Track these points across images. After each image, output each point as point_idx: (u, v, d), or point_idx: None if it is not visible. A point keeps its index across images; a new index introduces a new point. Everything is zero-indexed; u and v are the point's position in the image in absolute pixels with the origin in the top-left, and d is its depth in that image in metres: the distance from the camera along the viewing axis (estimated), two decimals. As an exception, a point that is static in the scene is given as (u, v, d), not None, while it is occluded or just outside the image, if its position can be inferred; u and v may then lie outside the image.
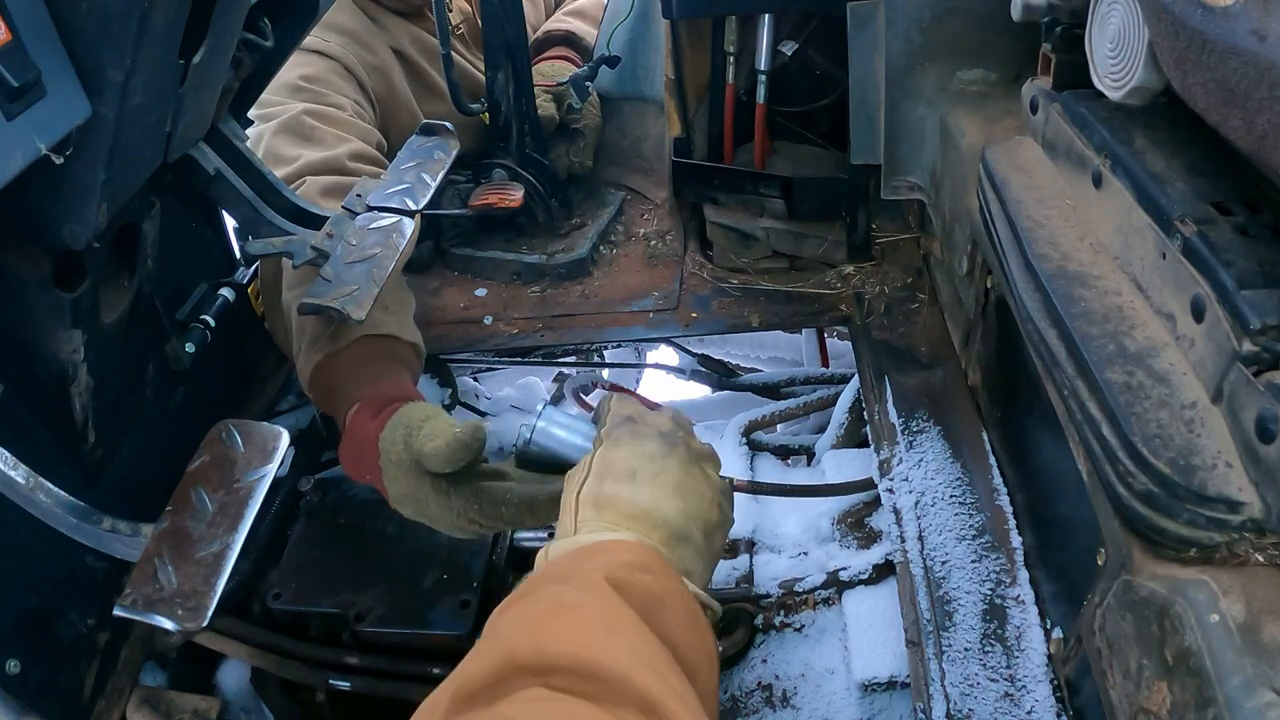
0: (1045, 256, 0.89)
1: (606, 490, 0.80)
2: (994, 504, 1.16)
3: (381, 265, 1.13)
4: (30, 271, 0.97)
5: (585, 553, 0.74)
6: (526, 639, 0.61)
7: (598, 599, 0.66)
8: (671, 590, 0.72)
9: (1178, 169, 0.80)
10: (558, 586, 0.68)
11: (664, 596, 0.70)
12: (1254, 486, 0.65)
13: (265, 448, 1.05)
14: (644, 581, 0.69)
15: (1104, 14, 0.90)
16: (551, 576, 0.71)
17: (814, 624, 1.26)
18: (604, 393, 2.26)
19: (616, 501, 0.79)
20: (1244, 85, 0.65)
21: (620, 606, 0.66)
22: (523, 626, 0.64)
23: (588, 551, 0.74)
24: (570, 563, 0.73)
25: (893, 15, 1.33)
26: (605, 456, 0.84)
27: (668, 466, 0.82)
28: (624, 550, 0.73)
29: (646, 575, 0.70)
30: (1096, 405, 0.75)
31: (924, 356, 1.45)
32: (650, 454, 0.83)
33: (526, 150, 1.77)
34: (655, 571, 0.72)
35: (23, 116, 0.73)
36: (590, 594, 0.66)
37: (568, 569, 0.72)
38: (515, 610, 0.67)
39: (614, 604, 0.66)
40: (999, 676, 0.98)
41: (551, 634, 0.62)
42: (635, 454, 0.83)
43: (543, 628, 0.63)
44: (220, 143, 1.20)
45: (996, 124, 1.22)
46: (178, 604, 0.89)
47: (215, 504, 0.99)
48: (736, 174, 1.66)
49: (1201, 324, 0.71)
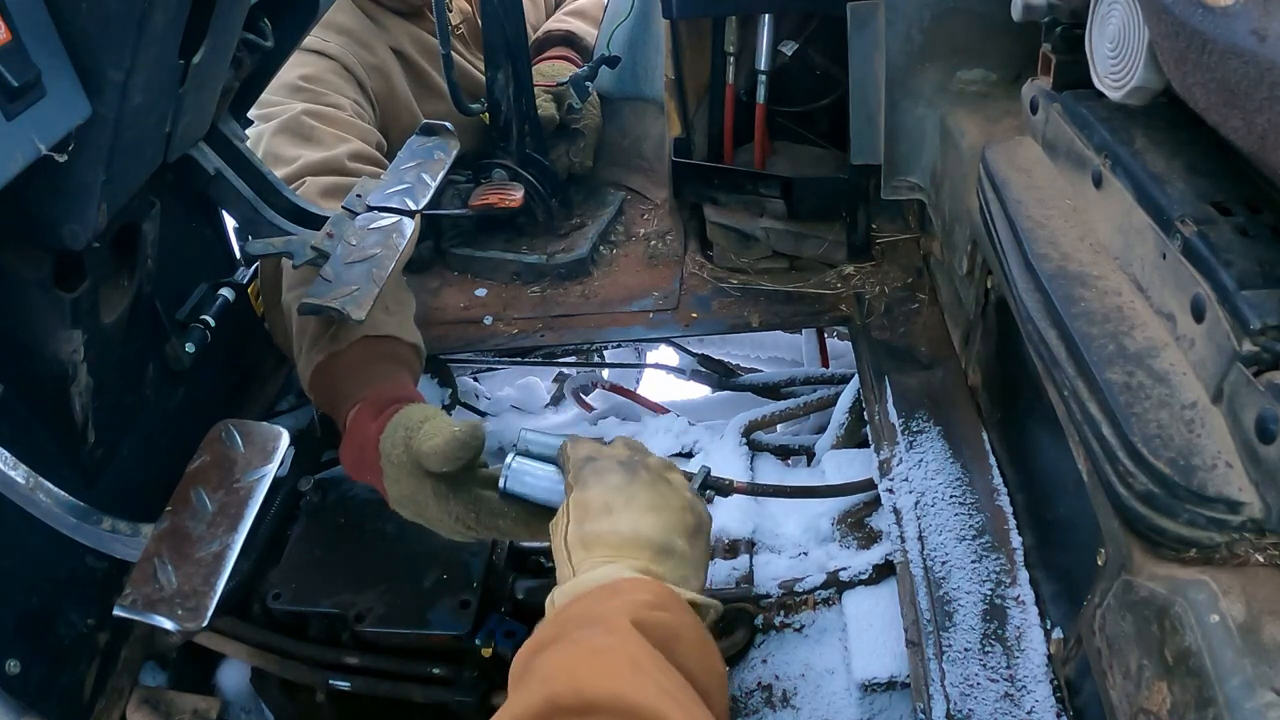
0: (1045, 256, 0.89)
1: (589, 530, 0.87)
2: (994, 504, 1.16)
3: (381, 265, 1.13)
4: (30, 271, 0.97)
5: (606, 593, 0.79)
6: (566, 683, 0.67)
7: (625, 641, 0.71)
8: (685, 624, 0.77)
9: (1178, 169, 0.80)
10: (588, 630, 0.73)
11: (679, 630, 0.76)
12: (1254, 487, 0.64)
13: (265, 448, 1.05)
14: (661, 619, 0.75)
15: (1104, 14, 0.90)
16: (579, 619, 0.76)
17: (814, 624, 1.26)
18: (604, 393, 2.26)
19: (601, 537, 0.86)
20: (1244, 85, 0.65)
21: (645, 646, 0.71)
22: (561, 670, 0.69)
23: (608, 591, 0.80)
24: (592, 604, 0.79)
25: (893, 15, 1.33)
26: (578, 500, 0.90)
27: (635, 492, 0.89)
28: (640, 589, 0.79)
29: (663, 612, 0.76)
30: (1096, 405, 0.75)
31: (924, 357, 1.45)
32: (617, 486, 0.90)
33: (526, 150, 1.77)
34: (670, 608, 0.78)
35: (23, 116, 0.73)
36: (618, 636, 0.72)
37: (593, 611, 0.77)
38: (551, 654, 0.72)
39: (639, 644, 0.71)
40: (999, 677, 0.98)
41: (589, 677, 0.67)
42: (604, 490, 0.90)
43: (580, 671, 0.68)
44: (220, 143, 1.19)
45: (996, 124, 1.22)
46: (177, 604, 0.89)
47: (215, 504, 0.99)
48: (736, 174, 1.66)
49: (1201, 324, 0.71)
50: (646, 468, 0.93)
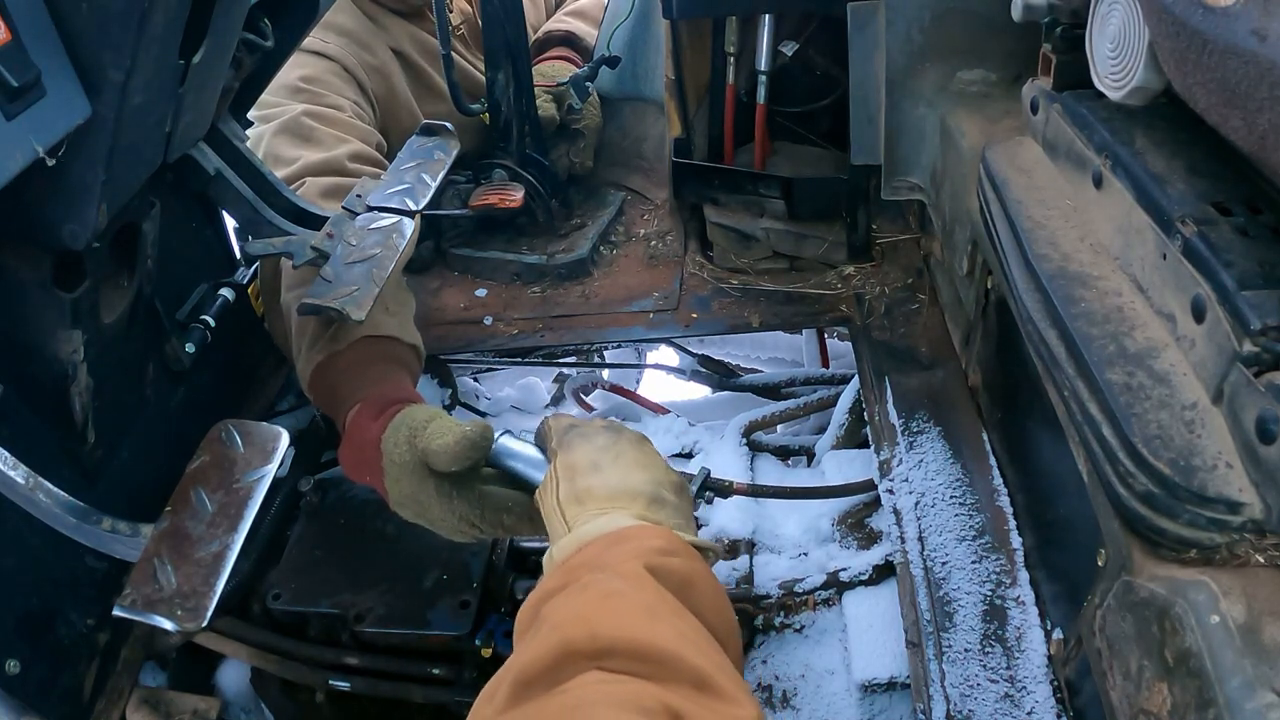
0: (1045, 257, 0.89)
1: (579, 485, 0.86)
2: (994, 505, 1.16)
3: (381, 265, 1.13)
4: (30, 271, 0.97)
5: (613, 539, 0.78)
6: (580, 627, 0.65)
7: (638, 585, 0.70)
8: (698, 570, 0.76)
9: (1178, 169, 0.80)
10: (599, 575, 0.71)
11: (692, 577, 0.75)
12: (1254, 487, 0.64)
13: (265, 448, 1.05)
14: (674, 565, 0.74)
15: (1104, 14, 0.90)
16: (588, 565, 0.75)
17: (814, 625, 1.26)
18: (604, 393, 2.26)
19: (592, 491, 0.85)
20: (1244, 85, 0.65)
21: (659, 590, 0.70)
22: (574, 614, 0.67)
23: (615, 538, 0.78)
24: (599, 550, 0.77)
25: (893, 16, 1.33)
26: (564, 461, 0.90)
27: (621, 449, 0.90)
28: (649, 535, 0.78)
29: (675, 559, 0.75)
30: (1097, 406, 0.75)
31: (924, 357, 1.45)
32: (602, 445, 0.90)
33: (527, 150, 1.77)
34: (681, 554, 0.76)
35: (22, 116, 0.73)
36: (630, 581, 0.70)
37: (600, 556, 0.75)
38: (562, 599, 0.70)
39: (653, 589, 0.70)
40: (999, 677, 0.98)
41: (603, 620, 0.65)
42: (590, 449, 0.90)
43: (594, 615, 0.66)
44: (220, 143, 1.19)
45: (997, 124, 1.22)
46: (177, 604, 0.89)
47: (215, 504, 0.99)
48: (737, 174, 1.66)
49: (1202, 325, 0.71)
50: (626, 430, 0.94)
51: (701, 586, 0.75)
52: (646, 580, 0.71)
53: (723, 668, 0.65)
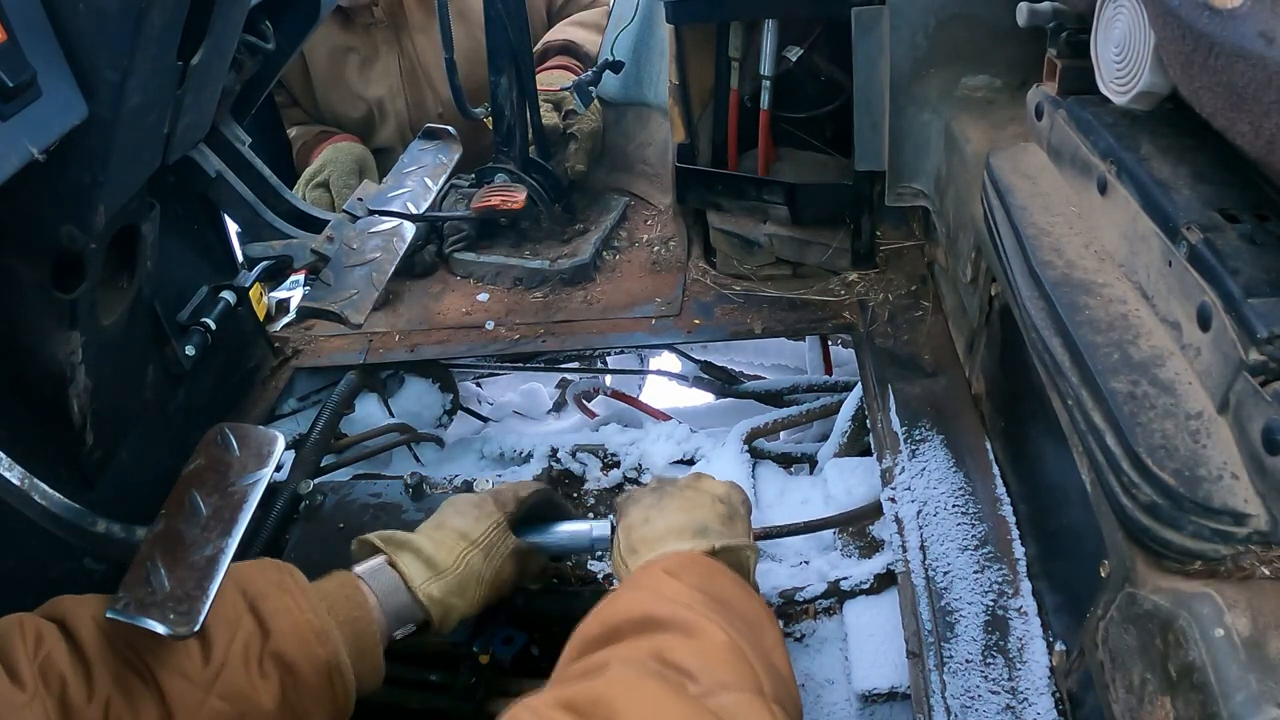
0: (1050, 264, 0.88)
1: (633, 539, 1.02)
2: (997, 514, 1.15)
3: (381, 269, 1.13)
4: (29, 273, 0.96)
5: (640, 570, 0.95)
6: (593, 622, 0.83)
7: (657, 583, 0.87)
8: (717, 568, 0.93)
9: (1184, 175, 0.79)
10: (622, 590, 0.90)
11: (711, 572, 0.91)
12: (1260, 498, 0.63)
13: (260, 452, 1.05)
14: (692, 563, 0.91)
15: (1109, 18, 0.89)
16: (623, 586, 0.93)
17: (814, 634, 1.25)
18: (606, 399, 2.25)
19: (644, 540, 1.01)
20: (1251, 89, 0.64)
21: (676, 584, 0.86)
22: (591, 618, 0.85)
23: (642, 568, 0.95)
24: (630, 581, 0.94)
25: (898, 21, 1.32)
26: (622, 525, 1.07)
27: (665, 502, 1.05)
28: (671, 556, 0.94)
29: (695, 565, 0.91)
30: (1101, 415, 0.74)
31: (927, 365, 1.44)
32: (648, 503, 1.06)
33: (529, 155, 1.76)
34: (700, 561, 0.93)
35: (17, 117, 0.73)
36: (648, 583, 0.88)
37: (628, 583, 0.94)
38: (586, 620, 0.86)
39: (671, 584, 0.86)
40: (1000, 688, 0.97)
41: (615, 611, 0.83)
42: (639, 509, 1.06)
43: (607, 611, 0.84)
44: (221, 145, 1.20)
45: (1001, 130, 1.21)
46: (170, 608, 0.88)
47: (209, 508, 0.98)
48: (740, 180, 1.65)
49: (1208, 333, 0.70)
50: (673, 484, 1.08)
51: (721, 580, 0.90)
52: (665, 579, 0.87)
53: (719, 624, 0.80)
